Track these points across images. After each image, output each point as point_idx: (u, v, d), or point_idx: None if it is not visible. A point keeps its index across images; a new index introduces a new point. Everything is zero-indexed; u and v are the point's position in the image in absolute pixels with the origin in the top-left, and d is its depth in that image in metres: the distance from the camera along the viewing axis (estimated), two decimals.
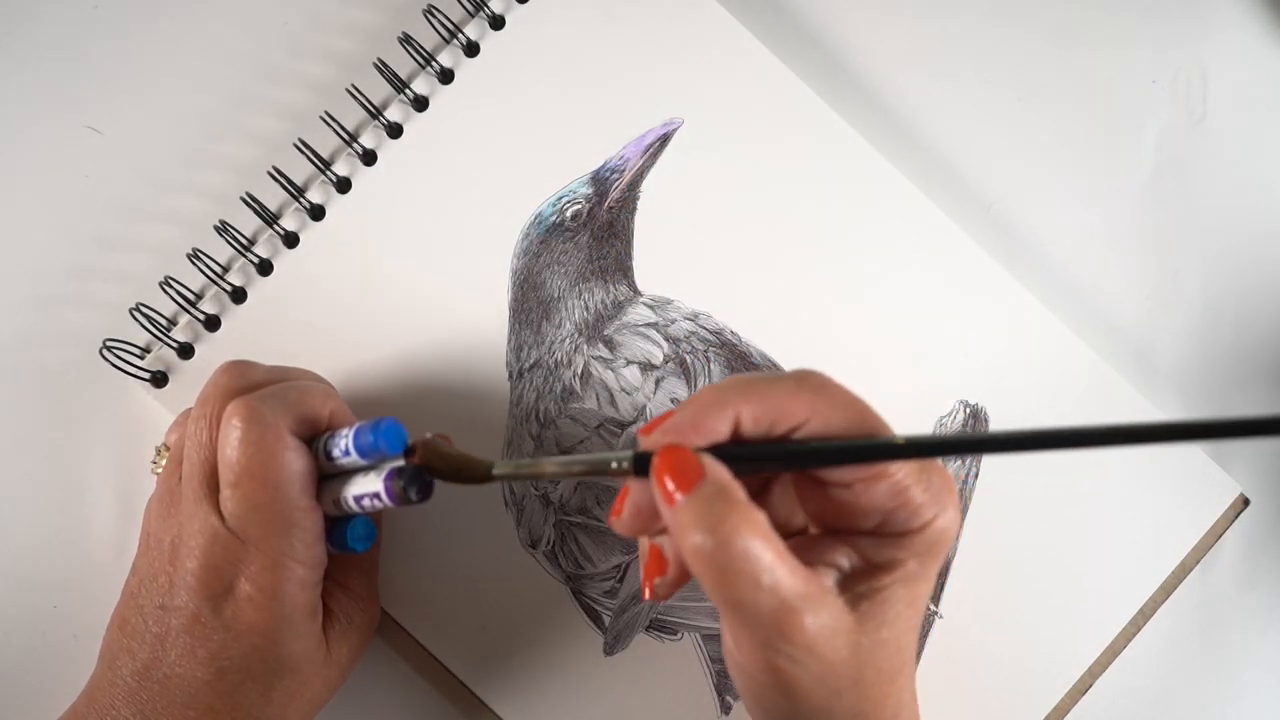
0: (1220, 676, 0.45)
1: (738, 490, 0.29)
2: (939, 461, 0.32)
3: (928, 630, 0.43)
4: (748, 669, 0.31)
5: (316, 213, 0.43)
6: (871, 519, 0.31)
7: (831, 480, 0.31)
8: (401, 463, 0.33)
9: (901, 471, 0.30)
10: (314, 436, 0.35)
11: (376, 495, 0.33)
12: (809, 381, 0.31)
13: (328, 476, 0.35)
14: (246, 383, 0.35)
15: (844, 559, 0.31)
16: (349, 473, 0.35)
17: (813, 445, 0.30)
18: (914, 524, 0.31)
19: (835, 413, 0.30)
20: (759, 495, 0.33)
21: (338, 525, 0.35)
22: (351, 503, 0.34)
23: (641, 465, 0.30)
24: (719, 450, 0.30)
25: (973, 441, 0.35)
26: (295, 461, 0.34)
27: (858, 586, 0.31)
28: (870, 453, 0.30)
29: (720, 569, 0.28)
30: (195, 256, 0.42)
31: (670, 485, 0.29)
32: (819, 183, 0.44)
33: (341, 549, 0.35)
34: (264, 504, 0.33)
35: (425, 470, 0.32)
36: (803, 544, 0.32)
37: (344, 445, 0.34)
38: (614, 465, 0.30)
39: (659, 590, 0.32)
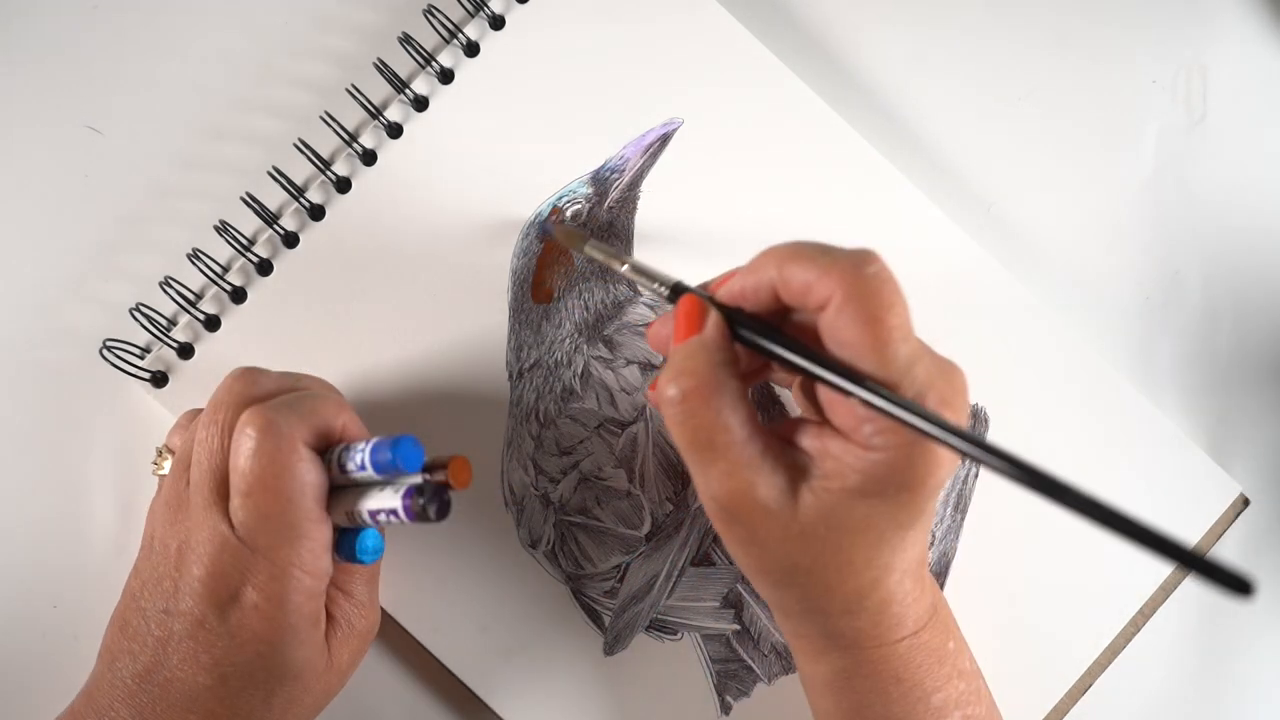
0: (1220, 676, 0.45)
1: (720, 351, 0.32)
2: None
3: None
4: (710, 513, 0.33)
5: (316, 213, 0.43)
6: (839, 420, 0.31)
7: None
8: (418, 479, 0.33)
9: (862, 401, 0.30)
10: (326, 447, 0.35)
11: (394, 512, 0.33)
12: (844, 264, 0.30)
13: (338, 487, 0.35)
14: (259, 390, 0.35)
15: (811, 447, 0.32)
16: (361, 485, 0.34)
17: (801, 350, 0.31)
18: (874, 443, 0.30)
19: (843, 314, 0.30)
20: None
21: (346, 536, 0.35)
22: (365, 517, 0.34)
23: (674, 295, 0.35)
24: (732, 312, 0.33)
25: (933, 428, 0.28)
26: (308, 473, 0.34)
27: (808, 477, 0.31)
28: (837, 381, 0.30)
29: (674, 413, 0.32)
30: (195, 256, 0.42)
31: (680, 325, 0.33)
32: (819, 183, 0.44)
33: (349, 559, 0.35)
34: (275, 514, 0.33)
35: (444, 488, 0.33)
36: (791, 424, 0.33)
37: (359, 460, 0.34)
38: (657, 286, 0.36)
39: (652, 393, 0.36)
